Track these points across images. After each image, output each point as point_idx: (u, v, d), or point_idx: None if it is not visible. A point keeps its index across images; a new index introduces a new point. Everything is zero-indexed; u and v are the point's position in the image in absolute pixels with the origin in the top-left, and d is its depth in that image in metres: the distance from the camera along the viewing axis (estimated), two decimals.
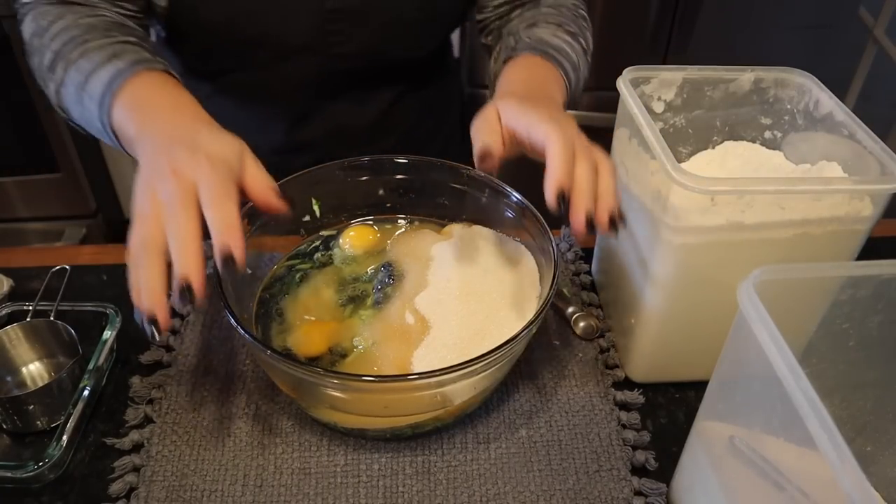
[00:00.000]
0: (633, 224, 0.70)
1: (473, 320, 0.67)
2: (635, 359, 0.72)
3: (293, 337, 0.69)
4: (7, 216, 1.97)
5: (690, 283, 0.64)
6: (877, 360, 0.58)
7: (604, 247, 0.81)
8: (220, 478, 0.64)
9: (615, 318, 0.78)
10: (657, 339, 0.69)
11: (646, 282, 0.67)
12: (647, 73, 0.72)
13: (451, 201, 0.80)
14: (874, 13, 1.79)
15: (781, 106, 0.74)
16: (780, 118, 0.75)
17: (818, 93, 0.70)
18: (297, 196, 0.77)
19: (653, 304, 0.67)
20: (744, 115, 0.76)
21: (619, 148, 0.74)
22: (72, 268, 0.79)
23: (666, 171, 0.58)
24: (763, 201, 0.59)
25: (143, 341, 0.75)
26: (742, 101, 0.75)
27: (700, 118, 0.76)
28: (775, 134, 0.76)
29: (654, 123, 0.64)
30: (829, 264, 0.54)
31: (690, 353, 0.70)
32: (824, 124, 0.69)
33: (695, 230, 0.60)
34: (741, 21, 1.69)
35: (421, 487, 0.64)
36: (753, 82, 0.74)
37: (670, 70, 0.73)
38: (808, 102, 0.72)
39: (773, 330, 0.45)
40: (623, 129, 0.72)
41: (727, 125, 0.77)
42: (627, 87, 0.69)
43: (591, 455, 0.66)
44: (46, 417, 0.67)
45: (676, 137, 0.77)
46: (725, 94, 0.74)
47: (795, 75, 0.73)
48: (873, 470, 0.61)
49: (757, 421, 0.51)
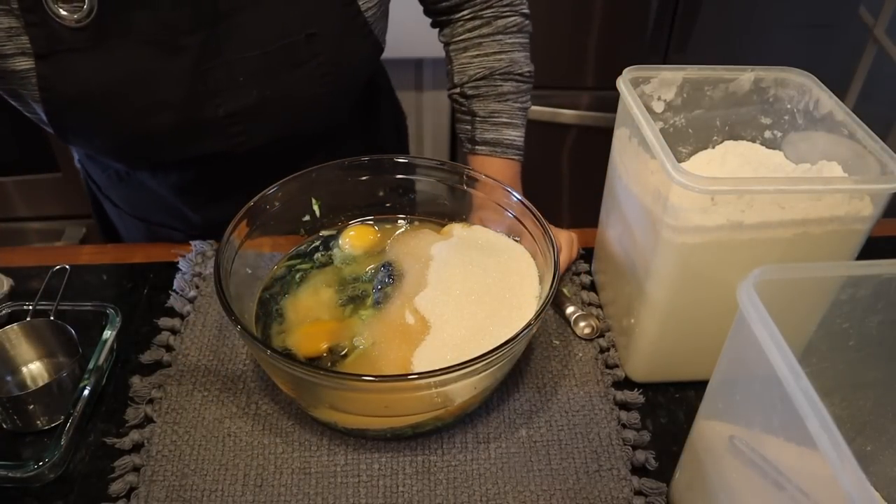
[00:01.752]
0: (633, 224, 0.69)
1: (473, 320, 0.67)
2: (635, 359, 0.72)
3: (293, 337, 0.69)
4: (7, 216, 1.97)
5: (690, 282, 0.64)
6: (877, 360, 0.58)
7: (604, 247, 0.81)
8: (220, 477, 0.64)
9: (615, 318, 0.78)
10: (657, 340, 0.69)
11: (646, 281, 0.67)
12: (648, 73, 0.72)
13: (451, 201, 0.80)
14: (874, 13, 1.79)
15: (781, 105, 0.74)
16: (780, 118, 0.75)
17: (818, 92, 0.70)
18: (297, 196, 0.77)
19: (653, 304, 0.67)
20: (744, 114, 0.76)
21: (620, 147, 0.74)
22: (72, 267, 0.79)
23: (666, 170, 0.58)
24: (763, 201, 0.59)
25: (144, 341, 0.76)
26: (742, 100, 0.75)
27: (700, 118, 0.76)
28: (775, 133, 0.76)
29: (653, 123, 0.64)
30: (828, 264, 0.54)
31: (690, 354, 0.70)
32: (824, 124, 0.69)
33: (695, 230, 0.60)
34: (741, 21, 1.69)
35: (421, 487, 0.64)
36: (753, 82, 0.74)
37: (670, 70, 0.73)
38: (808, 102, 0.71)
39: (773, 330, 0.45)
40: (623, 128, 0.72)
41: (727, 125, 0.77)
42: (627, 86, 0.69)
43: (591, 455, 0.66)
44: (46, 417, 0.67)
45: (676, 137, 0.77)
46: (725, 94, 0.74)
47: (795, 75, 0.73)
48: (873, 470, 0.61)
49: (757, 421, 0.51)
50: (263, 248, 0.76)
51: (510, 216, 0.75)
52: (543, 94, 1.77)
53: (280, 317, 0.72)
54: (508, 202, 0.75)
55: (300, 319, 0.71)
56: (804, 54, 1.75)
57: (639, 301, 0.69)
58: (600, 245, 0.83)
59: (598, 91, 1.77)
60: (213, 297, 0.81)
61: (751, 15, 1.68)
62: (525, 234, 0.74)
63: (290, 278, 0.76)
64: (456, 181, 0.79)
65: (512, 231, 0.76)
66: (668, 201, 0.60)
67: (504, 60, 0.89)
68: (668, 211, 0.60)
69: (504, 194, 0.75)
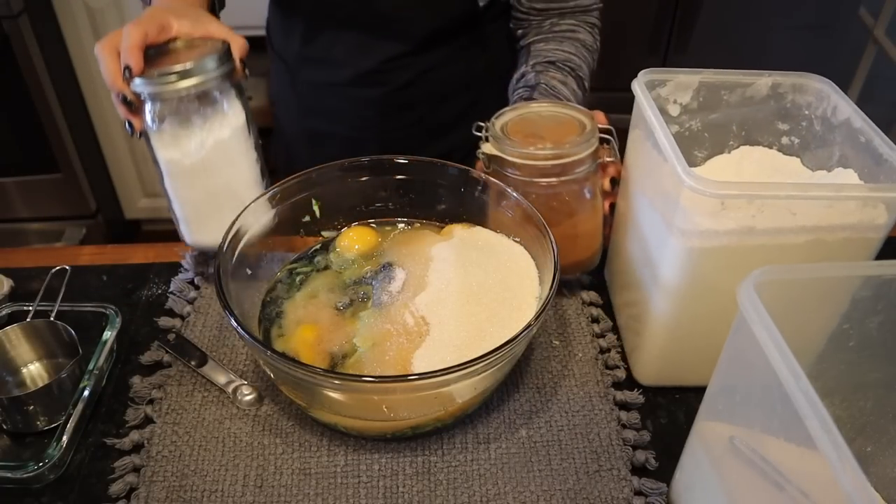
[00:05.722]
0: (645, 226, 0.69)
1: (473, 321, 0.67)
2: (643, 362, 0.72)
3: (294, 338, 0.70)
4: (7, 216, 1.97)
5: (700, 287, 0.63)
6: (877, 360, 0.58)
7: (616, 249, 0.81)
8: (220, 478, 0.64)
9: (625, 320, 0.78)
10: (666, 343, 0.69)
11: (655, 285, 0.66)
12: (664, 76, 0.72)
13: (451, 202, 0.80)
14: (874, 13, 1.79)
15: (799, 112, 0.73)
16: (797, 124, 0.73)
17: (836, 99, 0.69)
18: (297, 196, 0.77)
19: (662, 308, 0.67)
20: (761, 119, 0.74)
21: (633, 149, 0.73)
22: (72, 268, 0.79)
23: (676, 173, 0.58)
24: (774, 206, 0.58)
25: (144, 341, 0.76)
26: (759, 105, 0.73)
27: (716, 122, 0.75)
28: (793, 140, 0.74)
29: (666, 126, 0.63)
30: (828, 264, 0.54)
31: (699, 359, 0.69)
32: (841, 131, 0.68)
33: (705, 234, 0.60)
34: (741, 21, 1.69)
35: (421, 487, 0.64)
36: (771, 87, 0.72)
37: (687, 73, 0.72)
38: (826, 108, 0.70)
39: (773, 331, 0.45)
40: (637, 130, 0.72)
41: (744, 130, 0.75)
42: (642, 88, 0.68)
43: (591, 455, 0.66)
44: (46, 417, 0.67)
45: (692, 141, 0.76)
46: (742, 99, 0.73)
47: (814, 81, 0.71)
48: (873, 470, 0.61)
49: (757, 421, 0.51)
50: (263, 249, 0.76)
51: (510, 216, 0.75)
52: None
53: (280, 318, 0.72)
54: (508, 202, 0.75)
55: (301, 321, 0.71)
56: (804, 55, 1.75)
57: (648, 305, 0.69)
58: (613, 247, 0.83)
59: (597, 91, 1.77)
60: (213, 299, 0.81)
61: (751, 15, 1.68)
62: (525, 234, 0.74)
63: (290, 281, 0.76)
64: (457, 182, 0.78)
65: (512, 231, 0.76)
66: (679, 204, 0.59)
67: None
68: (679, 214, 0.60)
69: (504, 194, 0.75)
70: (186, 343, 0.75)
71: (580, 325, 0.79)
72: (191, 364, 0.73)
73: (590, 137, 0.73)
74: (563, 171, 0.73)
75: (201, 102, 0.71)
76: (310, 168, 0.77)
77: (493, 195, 0.77)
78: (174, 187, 0.74)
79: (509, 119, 0.77)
